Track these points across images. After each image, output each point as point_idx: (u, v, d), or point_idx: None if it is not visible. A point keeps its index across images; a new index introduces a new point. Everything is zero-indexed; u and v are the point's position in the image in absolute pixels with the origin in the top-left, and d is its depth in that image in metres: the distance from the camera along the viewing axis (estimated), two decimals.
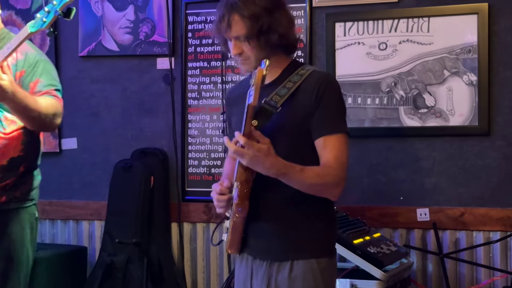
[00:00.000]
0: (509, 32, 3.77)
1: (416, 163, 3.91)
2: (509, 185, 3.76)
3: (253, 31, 2.38)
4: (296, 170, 2.31)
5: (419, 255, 3.88)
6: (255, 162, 2.26)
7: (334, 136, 2.40)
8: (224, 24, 2.40)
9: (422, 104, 3.89)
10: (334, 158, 2.37)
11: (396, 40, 3.93)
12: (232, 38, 2.42)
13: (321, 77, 2.43)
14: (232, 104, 2.68)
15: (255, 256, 2.51)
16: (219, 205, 2.50)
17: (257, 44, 2.40)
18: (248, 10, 2.37)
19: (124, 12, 4.42)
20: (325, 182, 2.37)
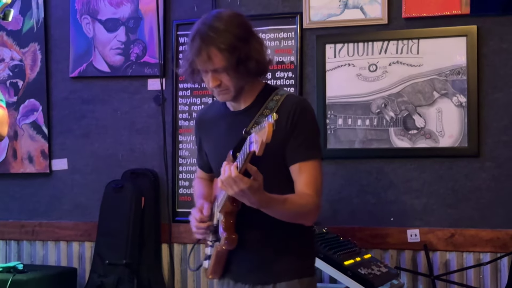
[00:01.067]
0: (498, 54, 3.78)
1: (406, 184, 3.91)
2: (499, 206, 3.76)
3: (232, 62, 2.34)
4: (279, 202, 2.31)
5: (410, 276, 3.88)
6: (242, 196, 2.22)
7: (309, 162, 2.40)
8: (202, 57, 2.34)
9: (412, 125, 3.89)
10: (310, 185, 2.38)
11: (386, 62, 3.94)
12: (210, 71, 2.37)
13: (295, 103, 2.42)
14: (206, 128, 2.63)
15: (236, 280, 2.52)
16: (198, 232, 2.51)
17: (236, 74, 2.37)
18: (224, 43, 2.32)
19: (115, 33, 4.42)
20: (304, 212, 2.38)
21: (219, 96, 2.45)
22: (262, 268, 2.46)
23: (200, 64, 2.38)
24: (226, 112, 2.54)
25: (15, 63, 4.59)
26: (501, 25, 3.78)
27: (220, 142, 2.51)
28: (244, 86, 2.43)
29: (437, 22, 3.86)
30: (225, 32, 2.34)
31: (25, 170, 4.55)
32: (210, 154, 2.62)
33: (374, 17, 3.96)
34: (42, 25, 4.53)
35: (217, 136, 2.54)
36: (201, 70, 2.41)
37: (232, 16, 2.43)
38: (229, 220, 2.39)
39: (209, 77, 2.39)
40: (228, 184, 2.20)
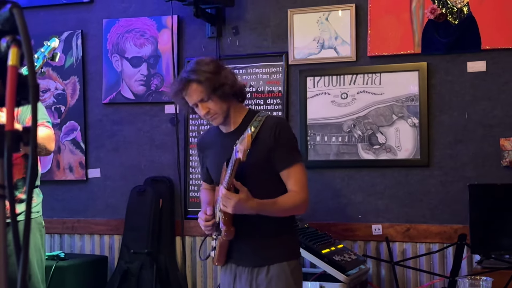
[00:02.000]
0: (443, 84, 3.79)
1: (371, 189, 3.91)
2: (445, 206, 3.76)
3: (210, 90, 2.41)
4: (270, 205, 2.40)
5: (374, 262, 3.87)
6: (238, 208, 2.33)
7: (293, 167, 2.46)
8: (188, 93, 2.44)
9: (376, 142, 3.90)
10: (297, 184, 2.45)
11: (354, 91, 3.94)
12: (198, 103, 2.44)
13: (275, 121, 2.48)
14: (206, 148, 2.68)
15: (238, 264, 2.55)
16: (206, 230, 2.57)
17: (217, 98, 2.43)
18: (201, 77, 2.41)
19: (139, 68, 4.43)
20: (294, 207, 2.46)
21: (213, 121, 2.51)
22: (257, 253, 2.49)
23: (189, 100, 2.46)
24: (220, 134, 2.59)
25: (59, 92, 4.60)
26: (445, 61, 3.79)
27: (217, 157, 2.56)
28: (228, 109, 2.48)
29: (395, 59, 3.87)
30: (197, 71, 2.43)
31: (66, 178, 4.55)
32: (210, 168, 2.66)
33: (345, 56, 3.97)
34: (80, 62, 4.54)
35: (214, 153, 2.59)
36: (191, 106, 2.49)
37: (200, 60, 2.52)
38: (227, 216, 2.43)
39: (199, 108, 2.46)
40: (225, 202, 2.33)
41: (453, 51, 3.76)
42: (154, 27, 4.39)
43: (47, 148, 3.01)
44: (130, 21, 4.44)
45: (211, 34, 4.25)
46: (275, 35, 4.13)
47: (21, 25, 0.84)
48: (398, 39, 3.84)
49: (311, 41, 4.03)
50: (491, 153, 3.67)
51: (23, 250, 0.87)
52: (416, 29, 3.82)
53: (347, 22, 3.95)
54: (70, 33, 4.56)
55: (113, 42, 4.48)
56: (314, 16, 4.03)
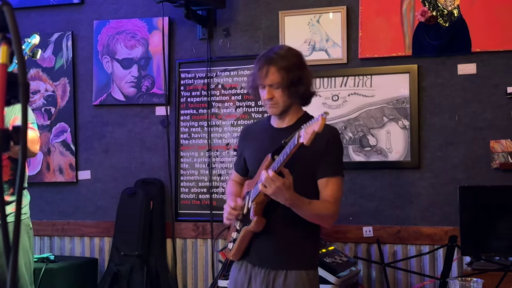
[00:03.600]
0: (434, 87, 3.80)
1: (362, 190, 3.91)
2: (436, 208, 3.77)
3: (286, 81, 2.36)
4: (305, 203, 2.31)
5: (365, 264, 3.86)
6: (277, 193, 2.24)
7: (334, 178, 2.41)
8: (263, 73, 2.37)
9: (367, 144, 3.90)
10: (333, 196, 2.39)
11: (345, 93, 3.95)
12: (267, 85, 2.39)
13: (330, 130, 2.41)
14: (250, 137, 2.62)
15: (254, 263, 2.47)
16: (229, 217, 2.48)
17: (287, 92, 2.38)
18: (283, 63, 2.36)
19: (129, 70, 4.42)
20: (324, 215, 2.39)
21: (270, 108, 2.44)
22: (278, 255, 2.42)
23: (260, 79, 2.40)
24: (270, 127, 2.53)
25: (49, 94, 4.58)
26: (436, 64, 3.80)
27: (262, 149, 2.48)
28: (290, 105, 2.43)
29: (386, 62, 3.87)
30: (284, 57, 2.38)
31: (56, 180, 4.52)
32: (250, 158, 2.58)
33: (336, 58, 3.97)
34: (70, 63, 4.52)
35: (259, 144, 2.51)
36: (259, 85, 2.42)
37: (292, 49, 2.48)
38: (259, 207, 2.37)
39: (265, 91, 2.40)
40: (267, 183, 2.22)
41: (443, 54, 3.76)
42: (145, 28, 4.38)
43: (31, 150, 2.99)
44: (121, 23, 4.43)
45: (202, 36, 4.24)
46: (266, 37, 4.12)
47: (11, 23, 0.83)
48: (389, 42, 3.85)
49: (302, 43, 4.02)
50: (481, 155, 3.68)
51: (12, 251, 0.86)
52: (406, 31, 3.82)
53: (338, 24, 3.95)
54: (60, 34, 4.54)
55: (104, 43, 4.46)
56: (305, 18, 4.03)
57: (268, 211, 2.40)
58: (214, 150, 4.21)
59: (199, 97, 4.27)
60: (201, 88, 4.26)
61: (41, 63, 4.57)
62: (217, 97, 4.23)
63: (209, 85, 4.24)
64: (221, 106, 4.22)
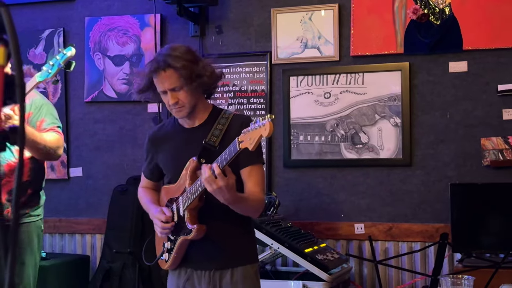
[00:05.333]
0: (425, 85, 3.83)
1: (354, 188, 3.93)
2: (427, 205, 3.80)
3: (186, 79, 2.30)
4: (243, 200, 2.30)
5: (357, 261, 3.89)
6: (219, 192, 2.19)
7: (256, 166, 2.39)
8: (161, 78, 2.30)
9: (358, 141, 3.92)
10: (258, 185, 2.39)
11: (337, 91, 3.96)
12: (168, 90, 2.32)
13: (244, 120, 2.38)
14: (160, 143, 2.53)
15: (196, 268, 2.42)
16: (164, 232, 2.42)
17: (191, 91, 2.33)
18: (178, 64, 2.29)
19: (121, 67, 4.42)
20: (257, 206, 2.39)
21: (177, 113, 2.39)
22: (220, 256, 2.40)
23: (159, 85, 2.33)
24: (181, 128, 2.48)
25: (40, 91, 4.55)
26: (427, 62, 3.82)
27: (179, 153, 2.43)
28: (196, 104, 2.38)
29: (378, 59, 3.89)
30: (177, 57, 2.31)
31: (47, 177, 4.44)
32: (166, 162, 2.52)
33: (328, 55, 3.98)
34: None
35: (174, 148, 2.46)
36: (160, 92, 2.35)
37: (180, 46, 2.39)
38: (193, 215, 2.34)
39: (168, 96, 2.34)
40: (209, 181, 2.16)
41: (435, 52, 3.79)
42: (137, 25, 4.38)
43: (57, 152, 2.98)
44: (112, 19, 4.42)
45: (194, 33, 4.24)
46: (259, 35, 4.13)
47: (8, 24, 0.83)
48: (381, 39, 3.87)
49: (294, 40, 4.04)
50: (472, 152, 3.71)
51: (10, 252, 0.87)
52: (398, 29, 3.84)
53: (330, 22, 3.97)
54: (51, 31, 4.53)
55: (95, 40, 4.45)
56: (297, 16, 4.04)
57: (202, 215, 2.37)
58: None
59: None
60: None
61: (32, 59, 4.55)
62: None
63: None
64: (213, 103, 4.21)
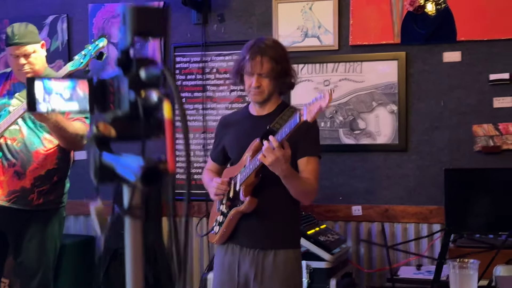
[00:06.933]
0: (421, 74, 3.99)
1: (352, 172, 4.10)
2: (421, 189, 3.98)
3: (275, 72, 2.52)
4: (296, 177, 2.50)
5: (354, 241, 4.08)
6: (276, 163, 2.37)
7: (313, 157, 2.60)
8: (255, 62, 2.51)
9: (356, 127, 4.09)
10: (313, 173, 2.58)
11: (336, 79, 4.12)
12: (256, 74, 2.53)
13: None
14: (229, 125, 2.76)
15: (242, 245, 2.62)
16: (217, 192, 2.62)
17: (274, 82, 2.55)
18: (274, 54, 2.51)
19: None
20: (309, 190, 2.58)
21: (254, 95, 2.59)
22: (266, 236, 2.59)
23: (251, 67, 2.53)
24: (250, 115, 2.69)
25: None
26: (423, 52, 3.98)
27: (244, 134, 2.65)
28: (272, 94, 2.59)
29: (375, 49, 4.04)
30: (274, 48, 2.55)
31: None
32: (231, 144, 2.72)
33: (328, 44, 4.13)
34: (66, 45, 4.62)
35: (241, 132, 2.67)
36: (247, 73, 2.56)
37: (279, 42, 2.68)
38: (249, 189, 2.53)
39: (253, 78, 2.54)
40: (268, 152, 2.35)
41: (430, 42, 3.96)
42: None
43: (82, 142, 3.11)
44: (116, 6, 4.52)
45: (197, 21, 4.37)
46: (260, 23, 4.27)
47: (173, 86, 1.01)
48: (379, 30, 4.03)
49: (295, 29, 4.18)
50: (464, 139, 3.91)
51: None
52: (395, 20, 4.01)
53: (330, 12, 4.12)
54: (55, 17, 4.63)
55: (99, 26, 4.56)
56: (298, 6, 4.18)
57: (255, 194, 2.55)
58: (209, 132, 4.38)
59: (194, 81, 4.41)
60: (196, 72, 4.40)
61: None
62: (211, 80, 4.38)
63: (204, 69, 4.38)
64: (216, 89, 4.38)
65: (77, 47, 4.59)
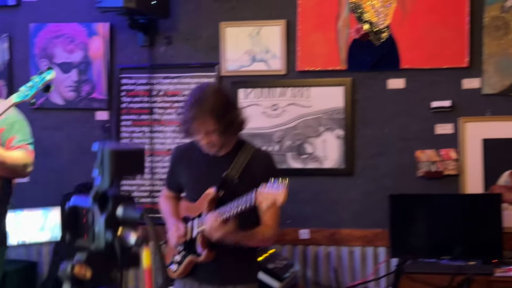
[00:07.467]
0: (367, 99, 4.08)
1: (299, 195, 4.09)
2: (366, 213, 4.06)
3: (222, 127, 2.52)
4: (249, 237, 2.56)
5: (301, 265, 4.13)
6: (223, 237, 2.50)
7: None
8: (198, 123, 2.51)
9: (304, 151, 4.14)
10: (273, 219, 2.63)
11: (284, 103, 4.15)
12: (203, 133, 2.54)
13: (265, 154, 2.71)
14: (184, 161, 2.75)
15: (201, 281, 2.66)
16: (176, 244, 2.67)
17: (224, 134, 2.55)
18: (217, 112, 2.51)
19: (69, 74, 4.43)
20: (265, 238, 2.66)
21: (207, 148, 2.60)
22: (225, 273, 2.63)
23: (196, 128, 2.54)
24: (205, 154, 2.67)
25: None
26: (369, 78, 4.08)
27: (201, 178, 2.66)
28: (226, 141, 2.60)
29: (322, 75, 4.11)
30: (217, 103, 2.52)
31: None
32: (188, 185, 2.74)
33: (276, 69, 4.17)
34: (7, 66, 4.49)
35: (197, 173, 2.67)
36: (194, 132, 2.57)
37: (220, 90, 2.65)
38: (205, 240, 2.57)
39: (202, 136, 2.55)
40: (212, 232, 2.47)
41: (375, 69, 4.06)
42: (84, 33, 4.41)
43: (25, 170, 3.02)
44: (59, 26, 4.44)
45: (144, 43, 4.33)
46: (208, 47, 4.27)
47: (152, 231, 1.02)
48: (326, 56, 4.09)
49: (243, 54, 4.21)
50: (408, 164, 4.01)
51: None
52: (342, 47, 4.08)
53: (278, 38, 4.16)
54: None
55: (41, 46, 4.46)
56: (246, 30, 4.21)
57: None
58: (157, 155, 4.34)
59: (140, 103, 4.37)
60: (143, 94, 4.36)
61: None
62: (159, 103, 4.35)
63: (151, 92, 4.34)
64: (163, 112, 4.35)
65: (19, 67, 4.50)
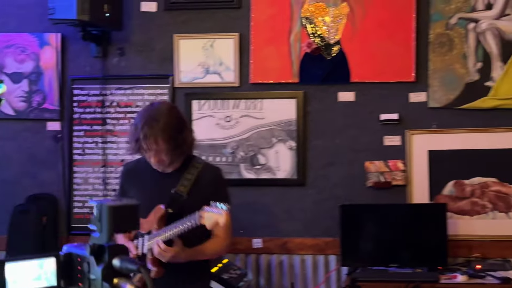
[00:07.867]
0: (318, 112, 4.18)
1: (253, 206, 4.20)
2: (318, 222, 4.15)
3: (171, 147, 2.57)
4: (199, 253, 2.62)
5: (254, 273, 4.20)
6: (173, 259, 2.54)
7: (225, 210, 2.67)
8: (149, 142, 2.54)
9: (257, 162, 4.21)
10: (224, 229, 2.68)
11: (238, 115, 4.22)
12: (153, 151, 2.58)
13: (214, 169, 2.75)
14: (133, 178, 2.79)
15: None
16: None
17: (173, 152, 2.60)
18: (168, 132, 2.55)
19: (19, 84, 4.38)
20: (219, 251, 2.76)
21: (156, 166, 2.64)
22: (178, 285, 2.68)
23: (146, 147, 2.57)
24: (154, 170, 2.71)
25: None
26: (320, 91, 4.18)
27: (149, 195, 2.68)
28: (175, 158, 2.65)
29: (275, 87, 4.19)
30: (168, 124, 2.57)
31: None
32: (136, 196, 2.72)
33: (229, 81, 4.23)
34: None
35: (145, 189, 2.70)
36: (144, 149, 2.60)
37: (172, 109, 2.68)
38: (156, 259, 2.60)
39: (151, 154, 2.59)
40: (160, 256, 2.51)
41: (326, 82, 4.17)
42: (35, 43, 4.37)
43: None
44: (9, 36, 4.38)
45: (97, 54, 4.32)
46: (161, 58, 4.30)
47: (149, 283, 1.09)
48: (278, 69, 4.18)
49: (196, 65, 4.25)
50: (358, 175, 4.14)
51: None
52: (294, 60, 4.18)
53: (231, 50, 4.22)
54: None
55: None
56: (199, 42, 4.25)
57: None
58: (109, 166, 4.34)
59: (93, 114, 4.36)
60: (96, 105, 4.36)
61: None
62: (112, 114, 4.35)
63: (104, 103, 4.34)
64: (116, 123, 4.35)
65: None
